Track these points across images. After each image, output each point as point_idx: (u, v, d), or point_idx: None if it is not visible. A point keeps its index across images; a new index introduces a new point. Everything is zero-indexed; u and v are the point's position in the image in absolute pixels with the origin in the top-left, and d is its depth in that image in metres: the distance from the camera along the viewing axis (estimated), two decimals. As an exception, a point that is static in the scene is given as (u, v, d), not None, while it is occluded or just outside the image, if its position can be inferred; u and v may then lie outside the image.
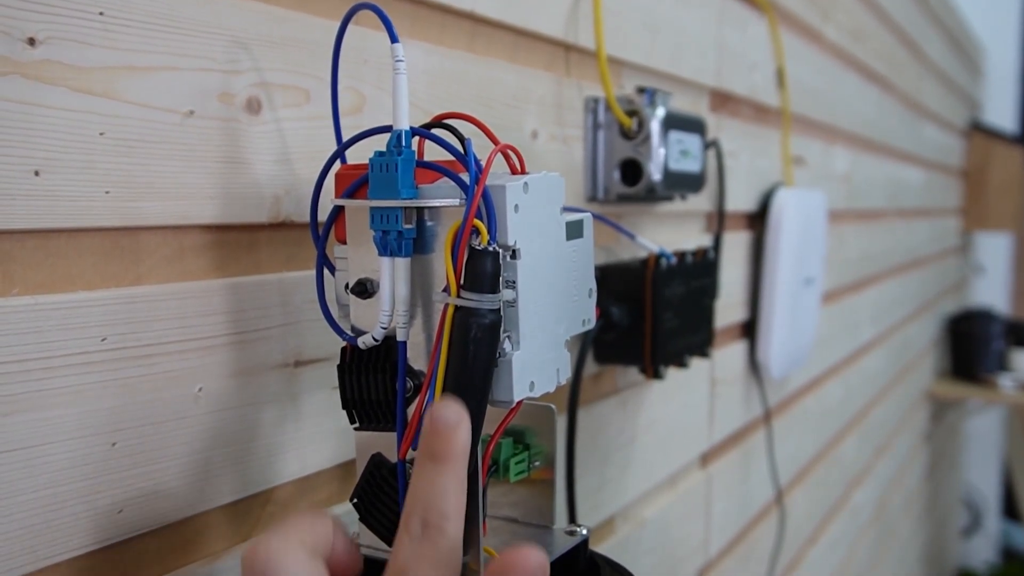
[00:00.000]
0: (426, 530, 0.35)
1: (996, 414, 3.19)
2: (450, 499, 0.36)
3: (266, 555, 0.36)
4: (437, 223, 0.38)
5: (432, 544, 0.35)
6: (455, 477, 0.36)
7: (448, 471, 0.36)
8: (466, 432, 0.36)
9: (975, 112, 2.99)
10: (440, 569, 0.35)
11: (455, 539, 0.36)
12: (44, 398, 0.38)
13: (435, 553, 0.35)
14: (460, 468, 0.36)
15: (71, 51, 0.37)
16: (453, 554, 0.36)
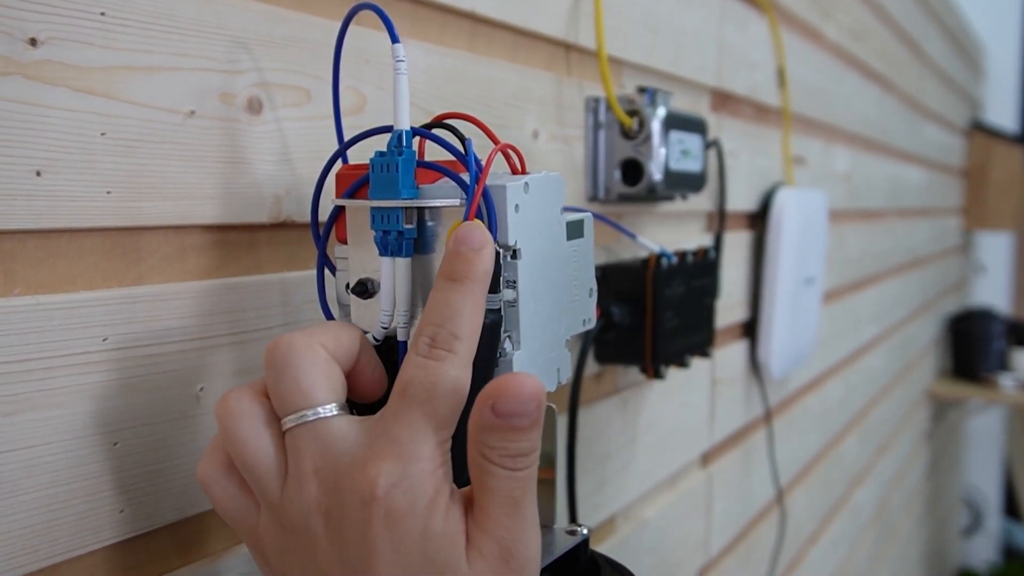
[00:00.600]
0: (433, 348, 0.35)
1: (997, 414, 3.19)
2: (463, 319, 0.35)
3: (287, 348, 0.35)
4: (438, 223, 0.39)
5: (437, 362, 0.34)
6: (471, 298, 0.35)
7: (465, 291, 0.35)
8: (489, 256, 0.36)
9: (976, 111, 2.99)
10: (441, 388, 0.34)
11: (463, 360, 0.35)
12: (45, 398, 0.38)
13: (439, 370, 0.34)
14: (478, 290, 0.35)
15: (72, 51, 0.38)
16: (459, 375, 0.34)
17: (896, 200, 1.92)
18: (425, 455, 0.34)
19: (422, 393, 0.34)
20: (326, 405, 0.35)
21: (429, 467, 0.34)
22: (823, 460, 1.50)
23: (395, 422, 0.34)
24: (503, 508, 0.34)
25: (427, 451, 0.34)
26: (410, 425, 0.34)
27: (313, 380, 0.36)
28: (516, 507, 0.34)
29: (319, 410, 0.35)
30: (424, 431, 0.34)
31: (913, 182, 2.09)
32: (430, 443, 0.34)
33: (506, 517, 0.34)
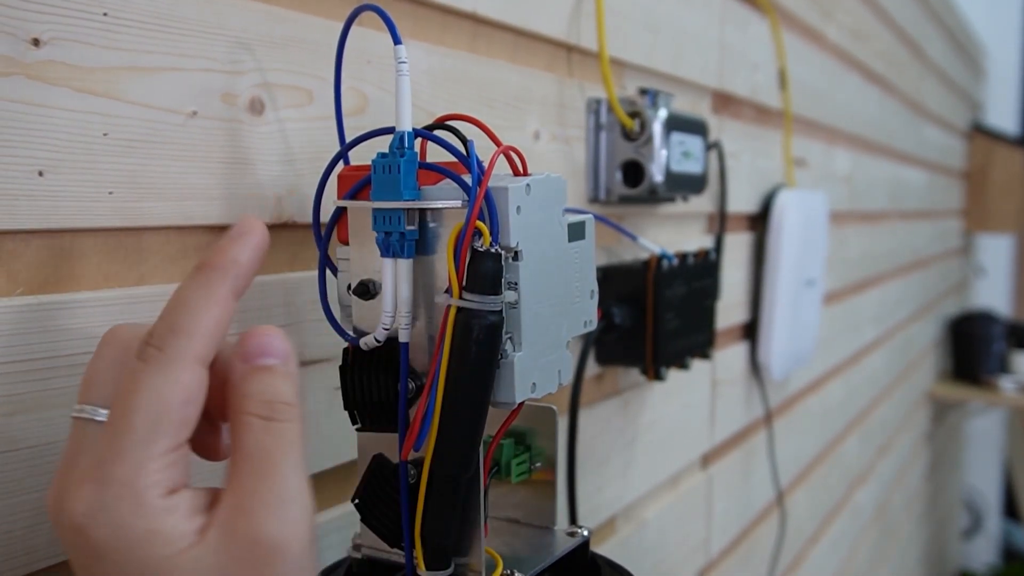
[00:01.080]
0: (144, 347, 0.31)
1: (997, 416, 3.19)
2: (186, 310, 0.31)
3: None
4: (439, 224, 0.39)
5: (143, 363, 0.30)
6: (205, 288, 0.31)
7: (199, 279, 0.32)
8: (249, 243, 0.32)
9: (977, 113, 2.99)
10: (138, 397, 0.30)
11: (175, 358, 0.30)
12: (47, 398, 0.38)
13: (140, 376, 0.30)
14: (217, 279, 0.32)
15: (74, 51, 0.38)
16: (165, 379, 0.30)
17: (897, 202, 1.92)
18: (122, 474, 0.29)
19: (122, 402, 0.30)
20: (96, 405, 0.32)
21: (127, 489, 0.29)
22: (823, 461, 1.49)
23: (100, 437, 0.30)
24: (253, 474, 0.30)
25: (125, 469, 0.29)
26: (110, 441, 0.30)
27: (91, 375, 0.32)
28: (270, 471, 0.30)
29: (85, 408, 0.32)
30: (125, 448, 0.30)
31: (914, 184, 2.09)
32: (130, 460, 0.29)
33: (256, 484, 0.30)
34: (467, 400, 0.37)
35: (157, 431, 0.30)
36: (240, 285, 0.33)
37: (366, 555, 0.43)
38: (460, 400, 0.37)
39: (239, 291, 0.33)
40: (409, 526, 0.39)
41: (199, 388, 0.31)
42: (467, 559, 0.40)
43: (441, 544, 0.39)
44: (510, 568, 0.42)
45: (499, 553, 0.42)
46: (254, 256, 0.33)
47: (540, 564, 0.43)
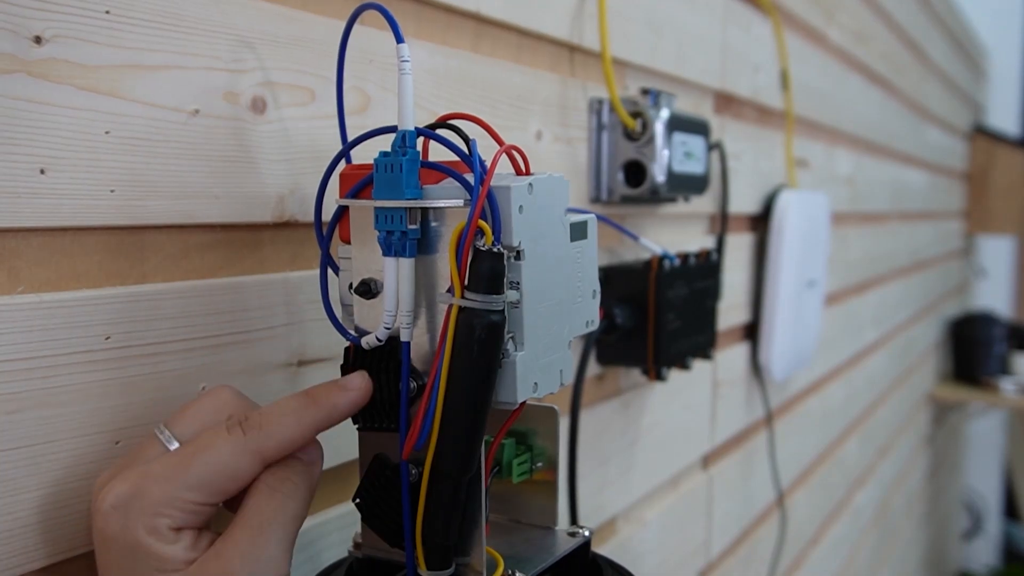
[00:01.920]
0: (234, 427, 0.37)
1: (997, 417, 3.18)
2: (278, 420, 0.37)
3: None
4: (441, 224, 0.38)
5: (226, 433, 0.36)
6: (301, 416, 0.37)
7: (302, 405, 0.37)
8: (353, 399, 0.38)
9: (978, 115, 2.99)
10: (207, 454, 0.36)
11: (246, 446, 0.36)
12: (48, 396, 0.38)
13: (217, 440, 0.36)
14: (312, 415, 0.37)
15: (77, 49, 0.38)
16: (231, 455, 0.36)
17: (898, 203, 1.92)
18: (155, 495, 0.35)
19: (193, 447, 0.36)
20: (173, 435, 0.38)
21: (151, 506, 0.35)
22: (824, 462, 1.49)
23: (161, 459, 0.36)
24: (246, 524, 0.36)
25: (160, 493, 0.35)
26: (165, 467, 0.36)
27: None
28: (259, 527, 0.36)
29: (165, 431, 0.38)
30: (170, 478, 0.35)
31: (915, 185, 2.09)
32: (168, 489, 0.35)
33: (242, 534, 0.36)
34: (468, 400, 0.37)
35: (200, 485, 0.35)
36: (329, 424, 0.38)
37: (367, 554, 0.43)
38: (461, 400, 0.37)
39: (323, 428, 0.38)
40: (410, 526, 0.39)
41: (249, 476, 0.37)
42: (468, 559, 0.40)
43: (442, 544, 0.39)
44: (511, 568, 0.41)
45: (500, 553, 0.42)
46: (351, 410, 0.39)
47: (541, 564, 0.43)
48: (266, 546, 0.36)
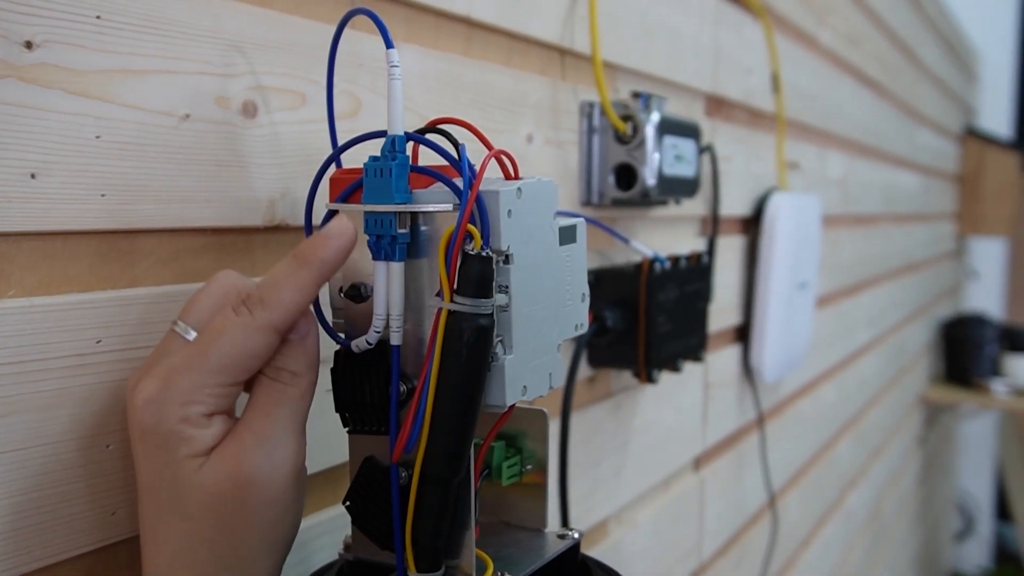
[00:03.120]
0: (239, 305, 0.38)
1: (989, 419, 3.19)
2: (277, 291, 0.38)
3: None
4: (431, 228, 0.39)
5: (235, 315, 0.37)
6: (296, 278, 0.38)
7: (294, 268, 0.38)
8: (337, 248, 0.38)
9: (970, 117, 3.00)
10: (223, 338, 0.37)
11: (256, 325, 0.37)
12: (39, 400, 0.38)
13: (228, 324, 0.37)
14: (306, 274, 0.38)
15: (67, 54, 0.38)
16: (246, 336, 0.37)
17: (890, 205, 1.93)
18: (183, 385, 0.36)
19: (208, 335, 0.37)
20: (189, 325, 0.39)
21: (181, 396, 0.36)
22: (816, 464, 1.50)
23: (182, 350, 0.38)
24: (253, 416, 0.38)
25: (187, 382, 0.36)
26: (187, 358, 0.37)
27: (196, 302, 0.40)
28: (264, 417, 0.38)
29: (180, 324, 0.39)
30: (194, 367, 0.37)
31: (907, 187, 2.09)
32: (193, 378, 0.37)
33: (254, 424, 0.38)
34: (458, 403, 0.37)
35: (222, 369, 0.37)
36: (324, 278, 0.39)
37: (357, 557, 0.43)
38: (451, 403, 0.37)
39: (322, 282, 0.39)
40: (400, 528, 0.39)
41: (267, 350, 0.38)
42: (458, 561, 0.41)
43: (432, 546, 0.39)
44: (500, 570, 0.42)
45: (490, 555, 0.42)
46: (340, 257, 0.39)
47: (531, 566, 0.43)
48: (273, 428, 0.38)
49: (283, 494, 0.38)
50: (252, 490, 0.37)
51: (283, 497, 0.38)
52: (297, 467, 0.39)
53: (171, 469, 0.37)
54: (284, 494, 0.38)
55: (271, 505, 0.38)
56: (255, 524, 0.38)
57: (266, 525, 0.38)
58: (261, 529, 0.38)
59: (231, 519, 0.37)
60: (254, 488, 0.37)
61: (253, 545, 0.38)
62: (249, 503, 0.37)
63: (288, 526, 0.39)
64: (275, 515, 0.38)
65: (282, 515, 0.39)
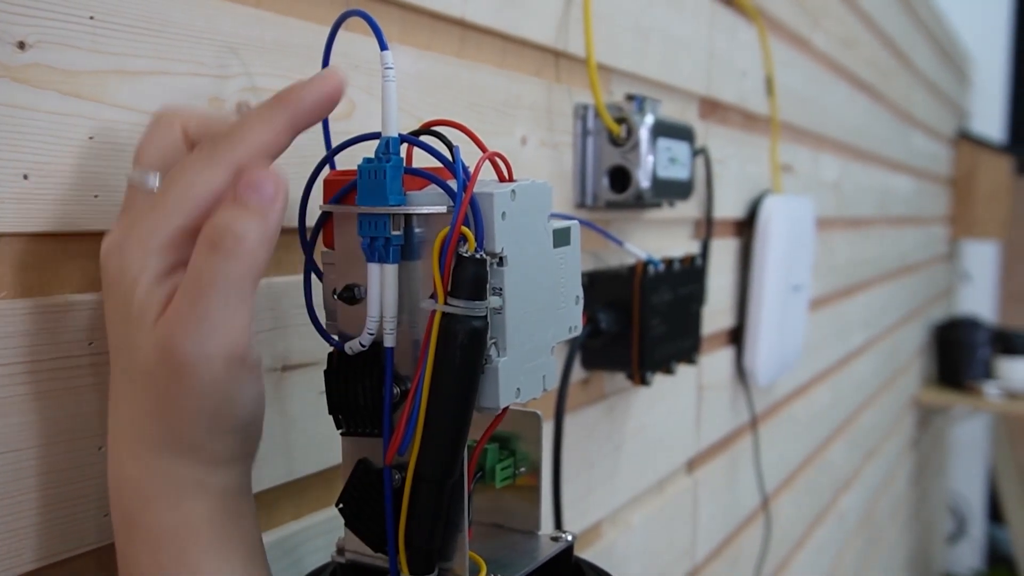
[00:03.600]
0: (201, 143, 0.35)
1: (982, 421, 3.20)
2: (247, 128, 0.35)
3: None
4: (425, 230, 0.39)
5: (195, 154, 0.35)
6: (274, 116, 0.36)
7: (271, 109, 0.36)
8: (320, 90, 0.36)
9: (963, 121, 3.01)
10: (188, 178, 0.34)
11: (222, 159, 0.35)
12: (30, 401, 0.38)
13: (197, 160, 0.35)
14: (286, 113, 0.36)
15: (60, 55, 0.38)
16: (210, 169, 0.35)
17: (884, 208, 1.93)
18: (143, 229, 0.35)
19: (169, 177, 0.35)
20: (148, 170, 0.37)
21: (140, 241, 0.35)
22: (809, 467, 1.50)
23: (147, 196, 0.36)
24: (185, 295, 0.34)
25: (147, 226, 0.35)
26: (146, 201, 0.36)
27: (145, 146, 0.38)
28: (197, 298, 0.33)
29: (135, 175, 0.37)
30: (155, 209, 0.35)
31: (901, 191, 2.10)
32: (153, 221, 0.35)
33: (183, 305, 0.34)
34: (451, 405, 0.37)
35: (180, 210, 0.34)
36: (299, 121, 0.36)
37: (350, 559, 0.43)
38: (444, 405, 0.37)
39: (296, 126, 0.36)
40: (393, 531, 0.39)
41: (225, 188, 0.35)
42: (451, 564, 0.40)
43: (425, 549, 0.39)
44: (493, 573, 0.42)
45: (483, 558, 0.42)
46: (319, 101, 0.36)
47: (524, 569, 0.43)
48: (207, 310, 0.33)
49: (222, 382, 0.35)
50: (184, 374, 0.34)
51: (222, 385, 0.35)
52: (234, 353, 0.35)
53: (126, 326, 0.35)
54: (223, 382, 0.35)
55: (208, 393, 0.35)
56: (194, 409, 0.35)
57: (208, 411, 0.35)
58: (203, 414, 0.35)
59: (166, 397, 0.35)
60: (185, 373, 0.34)
61: (196, 429, 0.35)
62: (183, 386, 0.34)
63: (238, 414, 0.36)
64: (215, 403, 0.35)
65: (223, 403, 0.35)
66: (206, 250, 0.33)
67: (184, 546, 0.36)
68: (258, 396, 0.37)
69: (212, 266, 0.33)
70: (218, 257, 0.33)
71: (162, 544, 0.36)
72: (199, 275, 0.34)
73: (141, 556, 0.36)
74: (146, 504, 0.36)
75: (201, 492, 0.37)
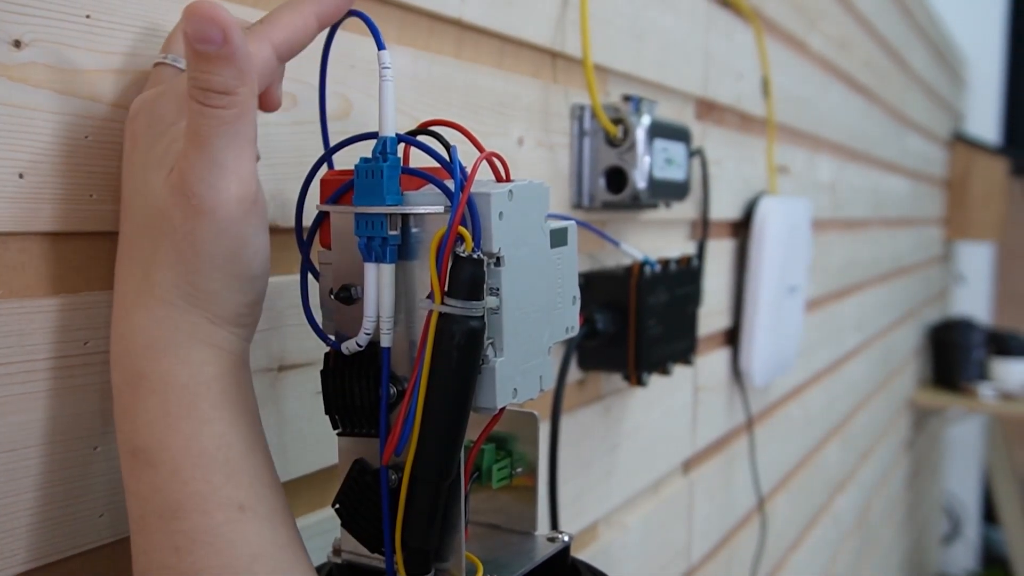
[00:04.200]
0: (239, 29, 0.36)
1: (976, 423, 3.21)
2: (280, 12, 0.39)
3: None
4: (422, 230, 0.39)
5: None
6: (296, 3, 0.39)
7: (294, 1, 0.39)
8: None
9: (958, 123, 3.01)
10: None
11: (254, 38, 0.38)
12: (26, 401, 0.38)
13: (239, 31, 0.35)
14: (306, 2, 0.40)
15: (57, 54, 0.37)
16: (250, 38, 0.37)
17: (879, 210, 1.93)
18: (169, 95, 0.37)
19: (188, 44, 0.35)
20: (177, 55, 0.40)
21: (167, 107, 0.37)
22: (805, 468, 1.50)
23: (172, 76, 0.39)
24: (190, 144, 0.35)
25: (180, 89, 0.37)
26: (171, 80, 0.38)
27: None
28: (201, 145, 0.35)
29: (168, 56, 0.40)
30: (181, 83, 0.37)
31: (896, 192, 2.10)
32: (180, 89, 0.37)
33: (191, 152, 0.35)
34: (448, 405, 0.37)
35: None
36: (324, 11, 0.40)
37: (347, 560, 0.43)
38: (441, 405, 0.37)
39: (322, 16, 0.40)
40: (390, 531, 0.39)
41: (265, 63, 0.38)
42: (447, 564, 0.40)
43: (422, 549, 0.39)
44: (490, 573, 0.42)
45: (479, 558, 0.42)
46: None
47: (520, 569, 0.43)
48: (214, 157, 0.35)
49: (235, 222, 0.36)
50: (200, 213, 0.35)
51: (236, 226, 0.36)
52: (246, 194, 0.36)
53: (145, 172, 0.37)
54: (237, 222, 0.36)
55: (223, 232, 0.36)
56: (209, 251, 0.36)
57: (222, 253, 0.36)
58: (217, 257, 0.36)
59: (183, 239, 0.36)
60: (201, 213, 0.35)
61: (212, 273, 0.36)
62: (200, 227, 0.35)
63: (250, 262, 0.37)
64: (229, 245, 0.36)
65: (237, 246, 0.36)
66: (197, 111, 0.35)
67: (195, 400, 0.36)
68: (265, 249, 0.38)
69: (208, 119, 0.35)
70: (209, 111, 0.35)
71: (171, 395, 0.36)
72: (199, 128, 0.35)
73: (149, 406, 0.36)
74: (157, 355, 0.36)
75: (212, 349, 0.37)
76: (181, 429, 0.36)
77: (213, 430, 0.36)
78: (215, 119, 0.35)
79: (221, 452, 0.36)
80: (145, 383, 0.36)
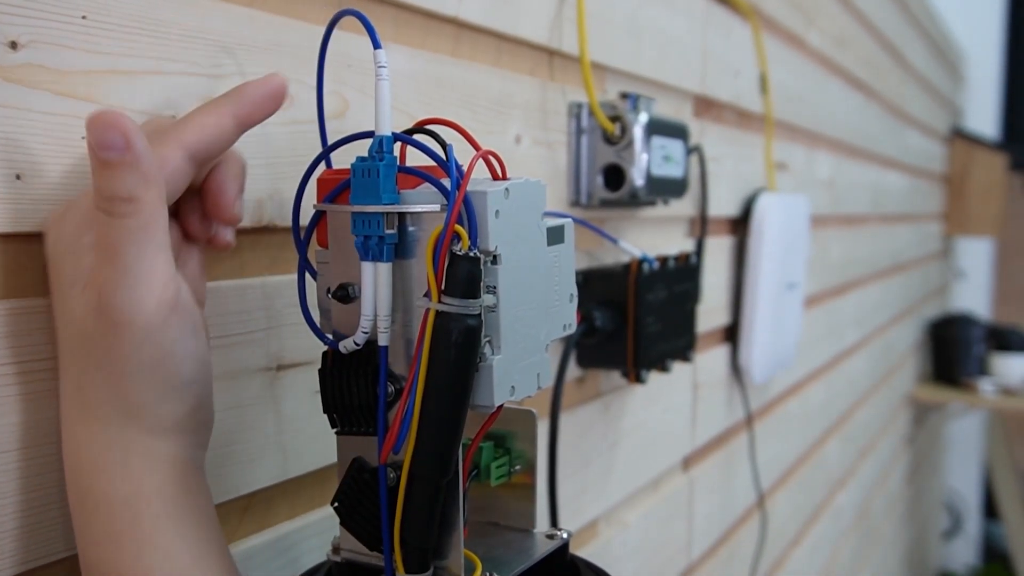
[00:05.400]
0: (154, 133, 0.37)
1: (977, 418, 3.21)
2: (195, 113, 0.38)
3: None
4: (419, 228, 0.39)
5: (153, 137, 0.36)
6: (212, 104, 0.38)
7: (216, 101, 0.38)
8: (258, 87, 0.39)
9: (957, 119, 3.01)
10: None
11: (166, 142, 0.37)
12: (20, 403, 0.38)
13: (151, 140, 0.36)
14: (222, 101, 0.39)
15: (53, 55, 0.37)
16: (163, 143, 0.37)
17: (878, 206, 1.93)
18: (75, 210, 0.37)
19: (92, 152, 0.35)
20: None
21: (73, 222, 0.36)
22: (805, 464, 1.50)
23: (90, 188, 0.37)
24: (101, 256, 0.35)
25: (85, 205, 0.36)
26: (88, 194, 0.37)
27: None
28: (113, 256, 0.35)
29: None
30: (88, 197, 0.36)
31: (895, 188, 2.10)
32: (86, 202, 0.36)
33: (103, 264, 0.35)
34: (446, 403, 0.37)
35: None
36: (242, 112, 0.39)
37: (346, 558, 0.43)
38: (439, 403, 0.37)
39: (239, 115, 0.39)
40: (388, 529, 0.39)
41: (175, 167, 0.37)
42: (446, 562, 0.40)
43: (420, 547, 0.39)
44: (489, 571, 0.42)
45: (478, 556, 0.42)
46: (263, 95, 0.39)
47: (519, 567, 0.43)
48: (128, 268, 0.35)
49: (156, 330, 0.35)
50: (118, 326, 0.35)
51: (157, 334, 0.36)
52: (164, 300, 0.36)
53: (62, 292, 0.36)
54: (157, 330, 0.35)
55: (144, 342, 0.35)
56: (134, 362, 0.35)
57: (147, 363, 0.36)
58: (143, 368, 0.36)
59: (106, 354, 0.35)
60: (119, 325, 0.35)
61: (139, 385, 0.36)
62: (120, 339, 0.35)
63: (178, 370, 0.37)
64: (153, 355, 0.36)
65: (161, 355, 0.36)
66: (105, 221, 0.35)
67: (136, 515, 0.37)
68: (198, 353, 0.38)
69: (116, 229, 0.34)
70: (115, 219, 0.34)
71: (115, 512, 0.36)
72: (108, 238, 0.35)
73: (95, 525, 0.37)
74: (98, 473, 0.37)
75: (151, 461, 0.37)
76: (125, 548, 0.36)
77: (157, 544, 0.37)
78: (123, 228, 0.34)
79: (165, 568, 0.37)
80: (91, 501, 0.37)
